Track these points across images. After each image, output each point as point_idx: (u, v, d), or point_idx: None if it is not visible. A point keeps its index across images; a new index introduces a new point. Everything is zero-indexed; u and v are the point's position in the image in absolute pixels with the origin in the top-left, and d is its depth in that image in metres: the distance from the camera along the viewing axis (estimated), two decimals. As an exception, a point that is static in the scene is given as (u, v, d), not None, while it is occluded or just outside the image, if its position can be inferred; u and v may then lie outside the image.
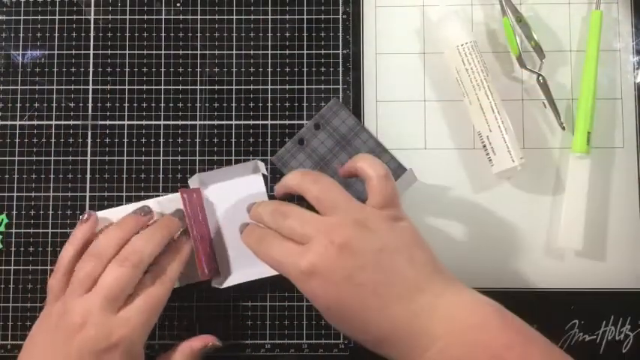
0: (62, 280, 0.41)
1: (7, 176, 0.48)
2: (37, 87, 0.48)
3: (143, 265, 0.40)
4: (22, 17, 0.49)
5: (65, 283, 0.41)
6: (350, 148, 0.47)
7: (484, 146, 0.45)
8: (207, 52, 0.49)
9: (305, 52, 0.48)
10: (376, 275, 0.36)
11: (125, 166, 0.48)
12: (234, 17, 0.49)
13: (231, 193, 0.46)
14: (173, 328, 0.47)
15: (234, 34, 0.49)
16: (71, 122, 0.48)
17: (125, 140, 0.48)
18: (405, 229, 0.38)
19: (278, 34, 0.49)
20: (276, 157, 0.47)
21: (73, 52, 0.49)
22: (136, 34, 0.49)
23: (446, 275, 0.37)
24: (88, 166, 0.48)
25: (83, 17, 0.49)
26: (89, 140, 0.48)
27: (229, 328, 0.47)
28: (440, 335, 0.34)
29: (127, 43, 0.49)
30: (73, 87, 0.48)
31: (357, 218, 0.37)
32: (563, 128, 0.47)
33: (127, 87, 0.48)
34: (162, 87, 0.48)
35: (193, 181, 0.46)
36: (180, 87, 0.48)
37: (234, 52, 0.49)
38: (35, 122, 0.48)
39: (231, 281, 0.46)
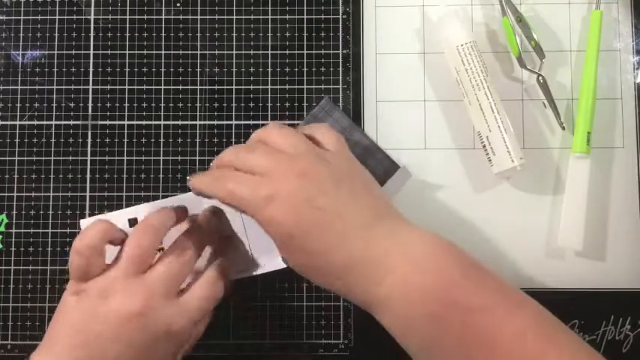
0: (95, 259, 0.38)
1: (7, 176, 0.48)
2: (37, 87, 0.48)
3: (193, 262, 0.40)
4: (22, 17, 0.49)
5: (98, 263, 0.39)
6: None
7: (484, 146, 0.45)
8: (207, 52, 0.49)
9: (305, 52, 0.48)
10: (336, 201, 0.36)
11: (125, 166, 0.48)
12: (234, 17, 0.49)
13: None
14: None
15: (234, 34, 0.49)
16: (71, 122, 0.48)
17: (125, 140, 0.48)
18: (361, 166, 0.40)
19: (278, 34, 0.49)
20: None
21: (73, 52, 0.49)
22: (136, 34, 0.49)
23: (398, 212, 0.39)
24: (88, 166, 0.48)
25: (83, 17, 0.49)
26: (89, 140, 0.48)
27: (229, 328, 0.47)
28: (399, 264, 0.35)
29: (127, 43, 0.49)
30: (73, 87, 0.48)
31: (317, 152, 0.39)
32: (563, 128, 0.47)
33: (127, 87, 0.48)
34: (162, 87, 0.48)
35: None
36: (180, 87, 0.48)
37: (234, 52, 0.49)
38: (35, 122, 0.48)
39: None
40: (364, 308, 0.37)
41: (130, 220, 0.45)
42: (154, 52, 0.49)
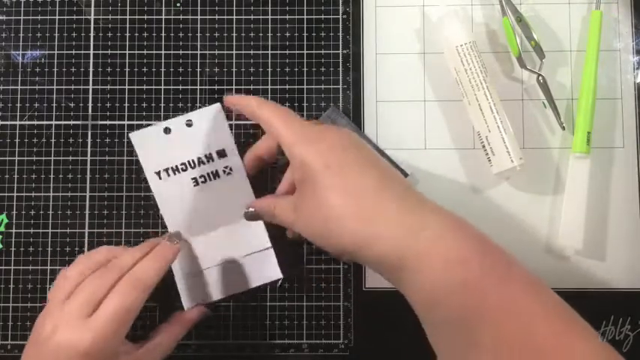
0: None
1: (7, 176, 0.48)
2: (37, 87, 0.48)
3: (116, 272, 0.40)
4: (22, 17, 0.49)
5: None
6: None
7: (483, 147, 0.45)
8: (207, 52, 0.49)
9: (305, 52, 0.48)
10: (378, 169, 0.37)
11: (125, 166, 0.48)
12: (234, 17, 0.49)
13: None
14: (173, 328, 0.47)
15: (234, 34, 0.49)
16: (71, 122, 0.48)
17: (125, 140, 0.48)
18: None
19: (278, 34, 0.49)
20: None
21: (73, 52, 0.49)
22: (136, 34, 0.49)
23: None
24: (88, 166, 0.48)
25: (83, 17, 0.49)
26: (89, 140, 0.48)
27: (229, 329, 0.47)
28: (433, 226, 0.34)
29: (127, 43, 0.49)
30: (73, 87, 0.48)
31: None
32: (563, 128, 0.47)
33: (127, 87, 0.48)
34: (163, 87, 0.48)
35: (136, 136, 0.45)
36: (180, 87, 0.48)
37: (234, 52, 0.49)
38: (35, 122, 0.48)
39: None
40: (386, 270, 0.35)
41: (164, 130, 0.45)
42: (154, 52, 0.48)
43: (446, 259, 0.33)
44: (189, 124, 0.44)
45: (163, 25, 0.49)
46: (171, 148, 0.44)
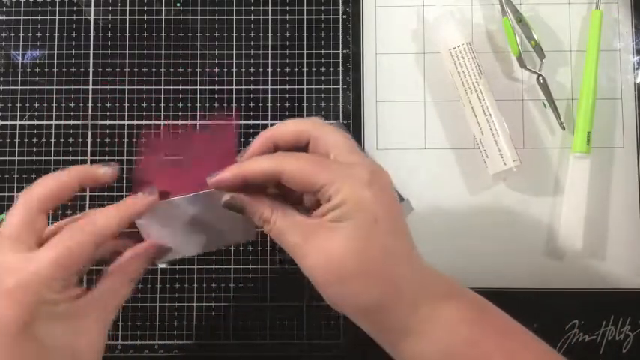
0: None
1: (7, 176, 0.48)
2: (37, 87, 0.48)
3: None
4: (22, 17, 0.49)
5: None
6: None
7: (478, 148, 0.46)
8: (207, 52, 0.49)
9: (305, 52, 0.48)
10: (407, 228, 0.34)
11: (125, 166, 0.48)
12: (234, 17, 0.49)
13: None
14: (173, 328, 0.47)
15: (234, 34, 0.49)
16: (71, 122, 0.48)
17: (125, 140, 0.48)
18: None
19: (278, 34, 0.49)
20: None
21: (73, 52, 0.49)
22: (136, 34, 0.49)
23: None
24: (88, 166, 0.48)
25: (83, 17, 0.49)
26: (89, 140, 0.48)
27: (229, 328, 0.47)
28: (436, 290, 0.33)
29: (127, 43, 0.49)
30: (73, 87, 0.48)
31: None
32: (563, 128, 0.47)
33: (127, 87, 0.48)
34: (163, 87, 0.48)
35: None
36: (180, 87, 0.48)
37: (234, 52, 0.49)
38: (35, 122, 0.48)
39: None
40: (391, 343, 0.34)
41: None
42: (154, 52, 0.49)
43: (450, 320, 0.33)
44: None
45: (163, 25, 0.49)
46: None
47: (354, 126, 0.48)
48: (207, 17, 0.49)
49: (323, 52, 0.48)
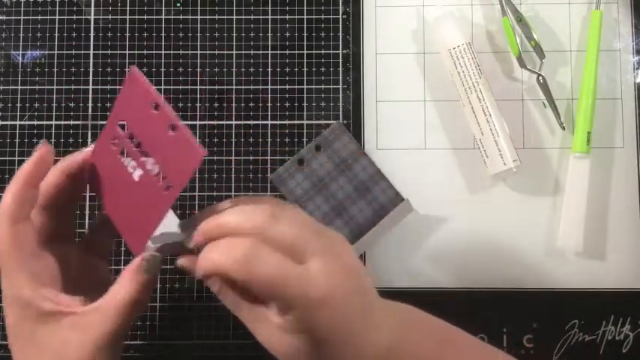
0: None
1: (7, 176, 0.48)
2: (37, 87, 0.48)
3: None
4: (22, 17, 0.49)
5: None
6: (349, 173, 0.47)
7: (478, 148, 0.46)
8: (207, 52, 0.49)
9: (305, 52, 0.48)
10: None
11: (125, 166, 0.48)
12: (234, 17, 0.49)
13: None
14: (173, 328, 0.47)
15: (234, 34, 0.49)
16: (71, 122, 0.48)
17: (125, 140, 0.48)
18: None
19: (278, 34, 0.49)
20: (275, 175, 0.47)
21: (73, 52, 0.49)
22: (136, 34, 0.49)
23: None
24: (88, 166, 0.48)
25: (83, 17, 0.49)
26: (89, 140, 0.48)
27: (229, 328, 0.47)
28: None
29: (127, 43, 0.49)
30: (73, 87, 0.48)
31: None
32: (563, 128, 0.47)
33: (127, 87, 0.48)
34: (163, 87, 0.48)
35: None
36: (180, 87, 0.48)
37: (234, 52, 0.49)
38: (35, 122, 0.48)
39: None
40: None
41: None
42: (154, 52, 0.49)
43: (420, 345, 0.34)
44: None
45: (163, 25, 0.49)
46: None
47: (354, 126, 0.48)
48: (207, 17, 0.49)
49: (323, 52, 0.48)
